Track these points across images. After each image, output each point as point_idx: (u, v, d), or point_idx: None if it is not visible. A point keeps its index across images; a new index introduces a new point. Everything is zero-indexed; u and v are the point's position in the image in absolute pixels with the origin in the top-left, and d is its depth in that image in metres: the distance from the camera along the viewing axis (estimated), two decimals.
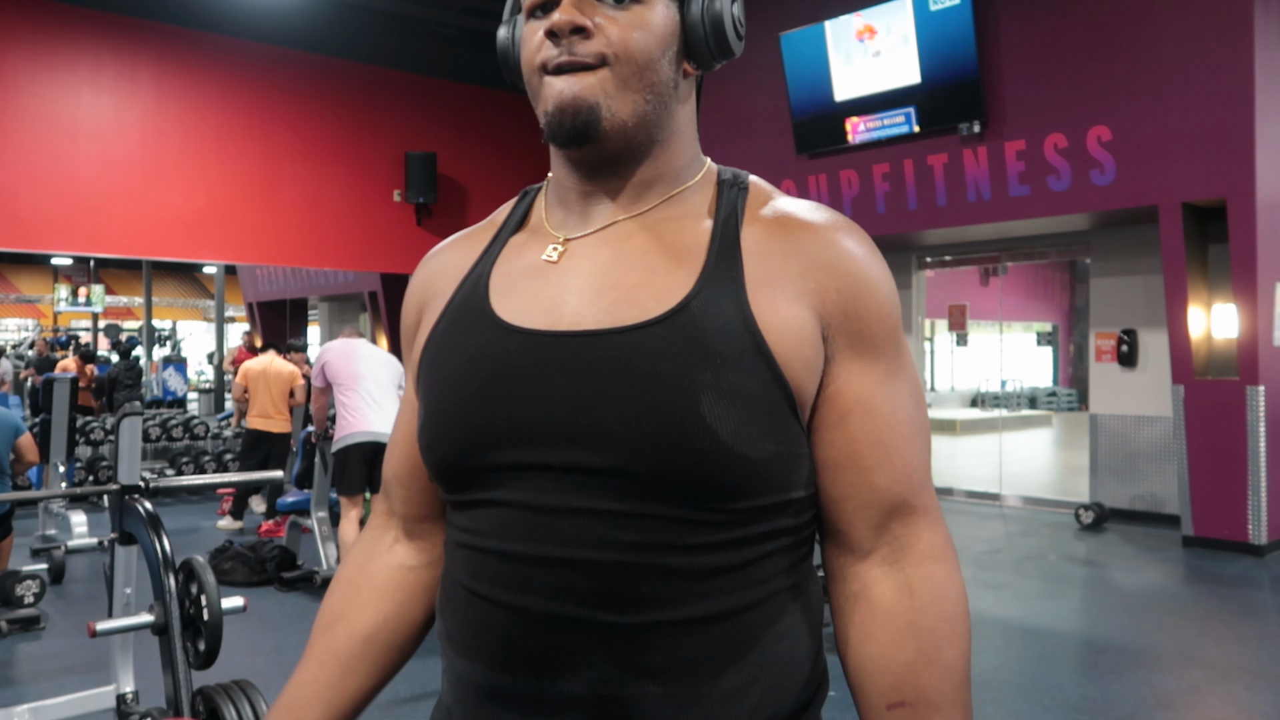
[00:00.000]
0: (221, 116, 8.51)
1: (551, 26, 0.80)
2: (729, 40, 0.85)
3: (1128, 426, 7.40)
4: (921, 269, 8.86)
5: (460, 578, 0.83)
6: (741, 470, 0.76)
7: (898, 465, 0.82)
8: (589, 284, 0.82)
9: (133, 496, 2.92)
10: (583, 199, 0.87)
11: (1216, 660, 4.12)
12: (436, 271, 0.93)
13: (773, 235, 0.83)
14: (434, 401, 0.84)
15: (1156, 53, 6.27)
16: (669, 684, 0.76)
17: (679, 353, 0.76)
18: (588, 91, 0.80)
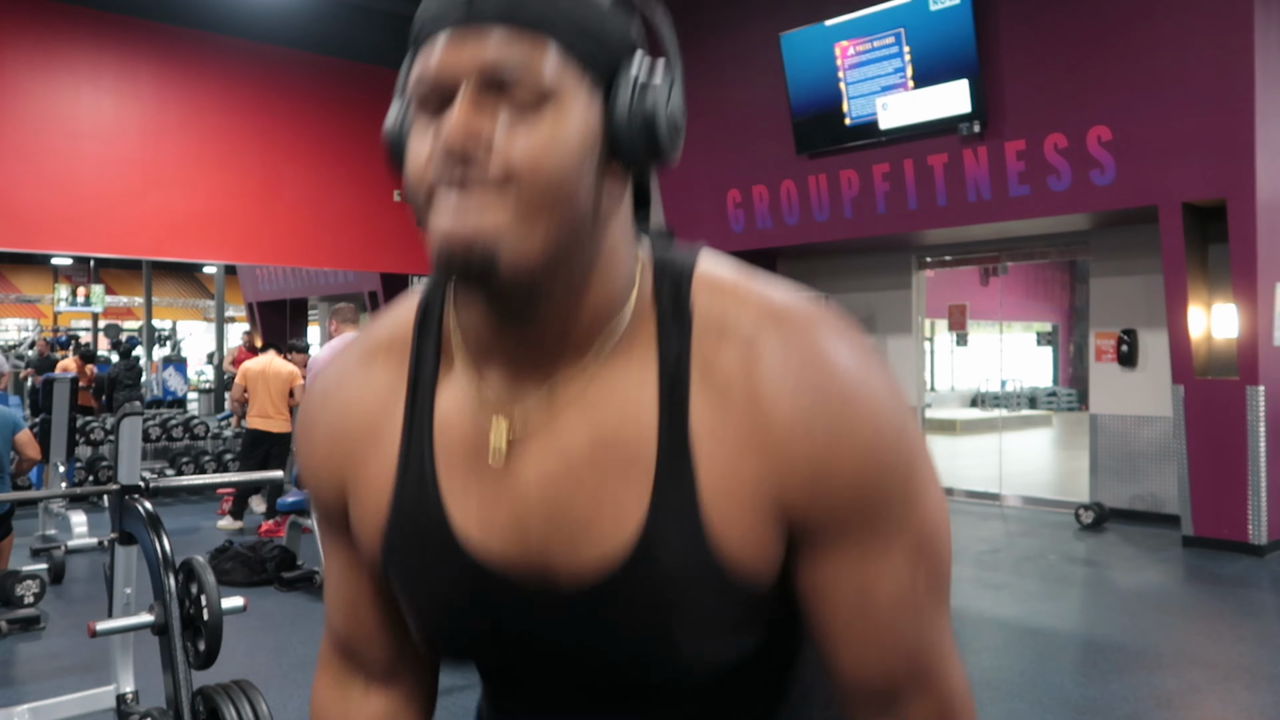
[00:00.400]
0: (221, 116, 8.52)
1: (445, 145, 0.63)
2: (660, 140, 0.67)
3: (1128, 426, 7.40)
4: (921, 269, 8.86)
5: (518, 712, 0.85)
6: (729, 658, 0.74)
7: (904, 650, 0.72)
8: (544, 499, 0.71)
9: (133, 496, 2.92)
10: (499, 336, 0.71)
11: (1216, 660, 4.12)
12: (343, 437, 0.78)
13: (726, 416, 0.68)
14: (416, 623, 0.79)
15: (1156, 53, 6.27)
16: None
17: (646, 601, 0.69)
18: (481, 230, 0.63)
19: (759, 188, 8.45)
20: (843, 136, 7.77)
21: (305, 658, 4.15)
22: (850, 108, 7.67)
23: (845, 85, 7.64)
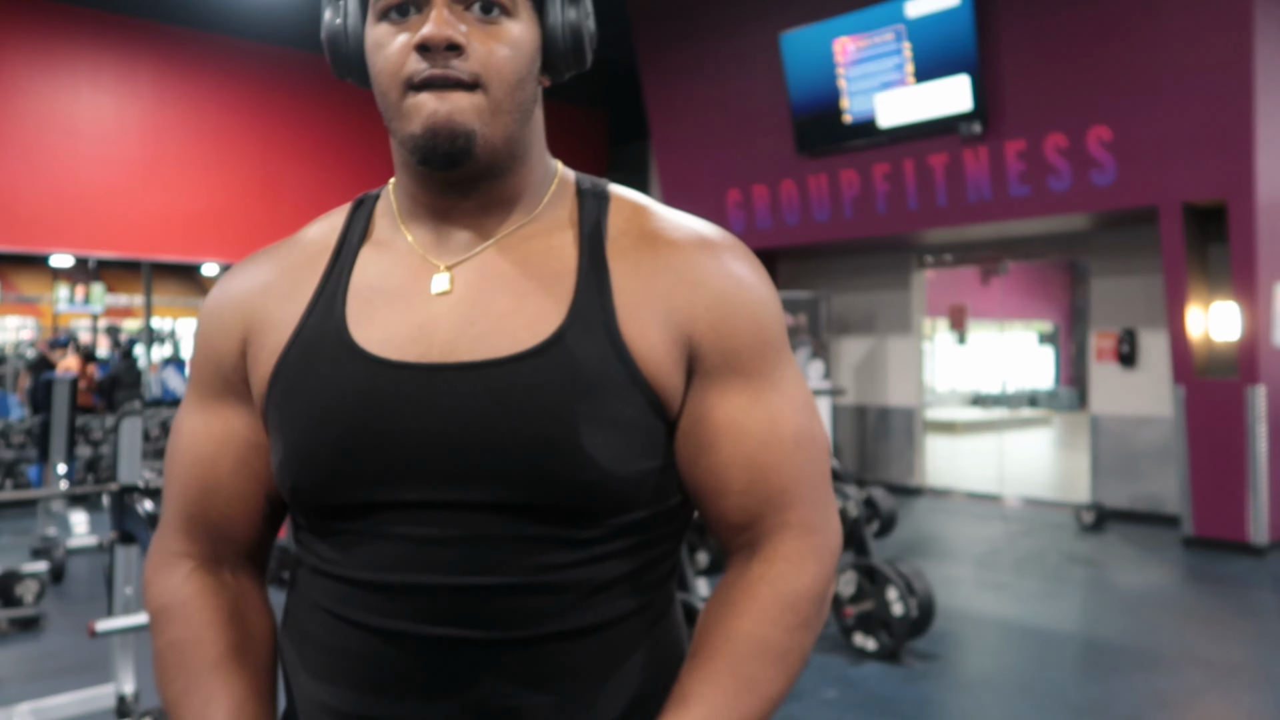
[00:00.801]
0: (221, 116, 8.52)
1: (424, 40, 0.74)
2: (585, 52, 0.83)
3: (1128, 426, 7.40)
4: (921, 269, 8.86)
5: (322, 602, 0.81)
6: (622, 491, 0.78)
7: (772, 484, 0.81)
8: (457, 311, 0.79)
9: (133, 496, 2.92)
10: (439, 215, 0.83)
11: (1216, 660, 4.12)
12: (261, 289, 0.85)
13: (641, 254, 0.82)
14: (297, 440, 0.79)
15: (1157, 53, 6.27)
16: (560, 692, 0.78)
17: (556, 386, 0.76)
18: (462, 115, 0.76)
19: (759, 187, 8.45)
20: (842, 135, 7.77)
21: None
22: (850, 104, 7.67)
23: (844, 81, 7.64)
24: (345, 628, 0.79)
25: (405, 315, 0.80)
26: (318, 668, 0.81)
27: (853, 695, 3.65)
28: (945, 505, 8.33)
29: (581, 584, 0.78)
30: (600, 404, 0.76)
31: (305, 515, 0.83)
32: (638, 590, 0.82)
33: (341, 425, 0.78)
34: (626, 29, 9.15)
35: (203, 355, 0.87)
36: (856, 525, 4.23)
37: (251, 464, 0.86)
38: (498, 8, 0.77)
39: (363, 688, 0.78)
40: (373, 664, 0.78)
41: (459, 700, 0.77)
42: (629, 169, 10.95)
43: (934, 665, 4.01)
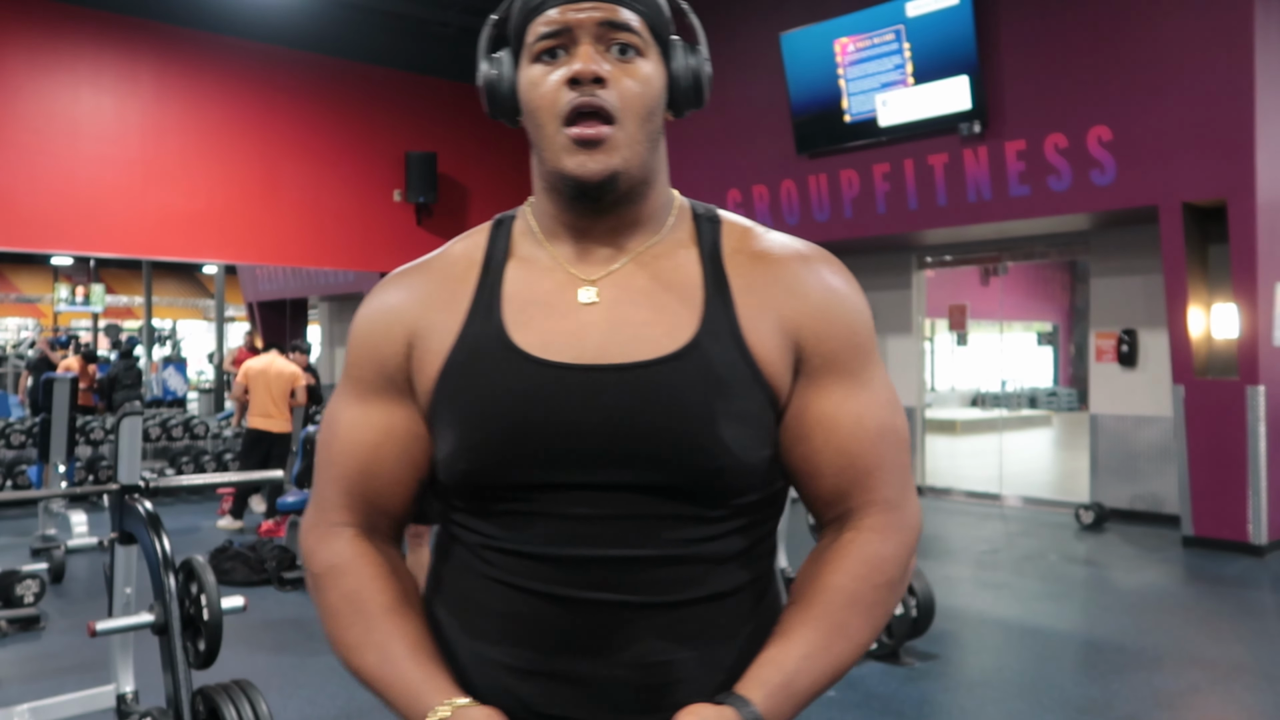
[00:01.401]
0: (221, 116, 8.51)
1: (576, 75, 0.89)
2: (704, 92, 0.98)
3: (1128, 426, 7.40)
4: (921, 269, 8.86)
5: (493, 574, 0.93)
6: (747, 476, 0.92)
7: (860, 468, 0.96)
8: (604, 319, 0.93)
9: (133, 496, 2.92)
10: (578, 234, 0.97)
11: (1216, 660, 4.12)
12: (416, 301, 0.99)
13: (753, 271, 0.96)
14: (468, 431, 0.92)
15: (1157, 53, 6.27)
16: (701, 648, 0.92)
17: (697, 385, 0.90)
18: (609, 163, 0.90)
19: (759, 188, 8.45)
20: (843, 135, 7.77)
21: (305, 658, 4.15)
22: (850, 104, 7.67)
23: (845, 81, 7.64)
24: (515, 594, 0.92)
25: (559, 322, 0.93)
26: (489, 630, 0.93)
27: (852, 695, 3.65)
28: (945, 505, 8.33)
29: (712, 556, 0.92)
30: (731, 401, 0.90)
31: (472, 498, 0.94)
32: (752, 561, 0.96)
33: (511, 417, 0.90)
34: None
35: (365, 356, 1.00)
36: None
37: (411, 451, 0.98)
38: (632, 49, 0.92)
39: (536, 646, 0.91)
40: (543, 626, 0.91)
41: (619, 656, 0.90)
42: None
43: (934, 665, 4.01)
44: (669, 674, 0.91)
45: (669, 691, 0.91)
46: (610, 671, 0.90)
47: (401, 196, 9.49)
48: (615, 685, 0.90)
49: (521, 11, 0.94)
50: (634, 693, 0.90)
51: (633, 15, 0.92)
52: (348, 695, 3.63)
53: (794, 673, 0.90)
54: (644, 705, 0.91)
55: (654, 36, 0.94)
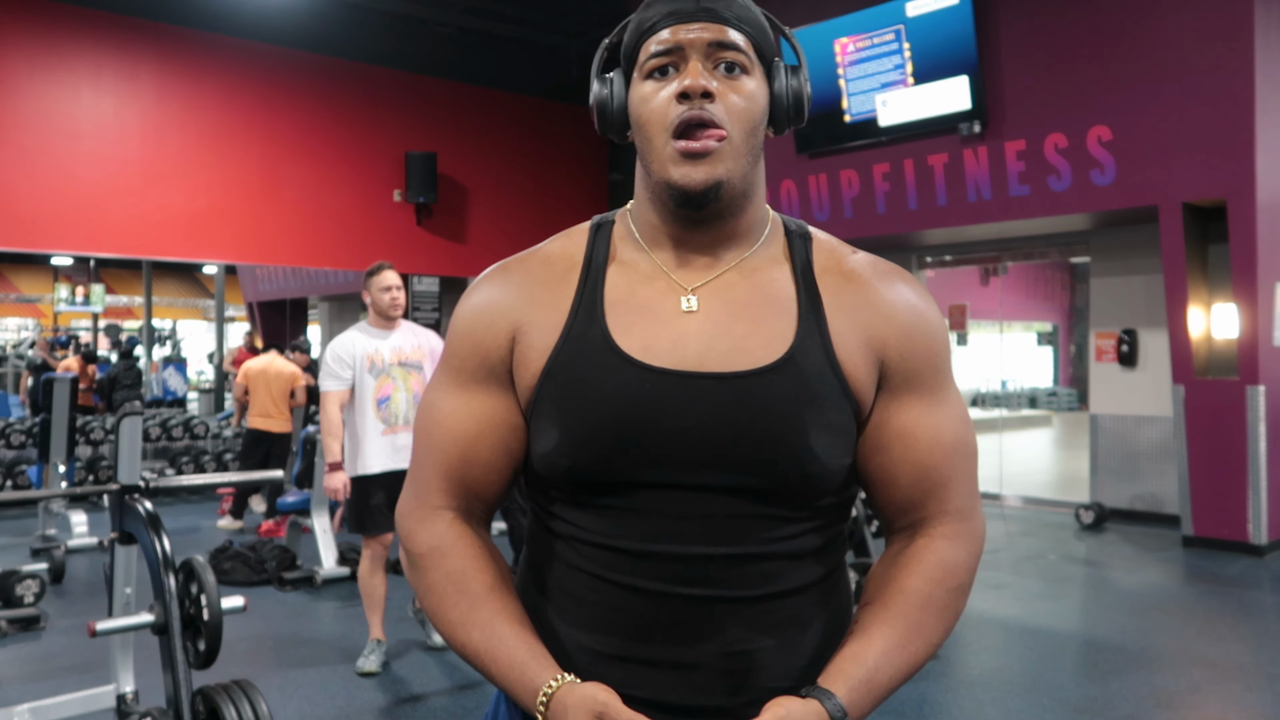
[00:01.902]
0: (221, 116, 8.51)
1: (686, 89, 0.95)
2: (804, 111, 1.04)
3: (1128, 426, 7.40)
4: (921, 269, 8.86)
5: (585, 566, 0.99)
6: (832, 481, 0.99)
7: (935, 480, 1.02)
8: (705, 329, 0.98)
9: (133, 496, 2.92)
10: (678, 243, 1.02)
11: (1216, 660, 4.12)
12: (520, 298, 1.03)
13: (843, 289, 1.02)
14: (574, 427, 0.96)
15: (1157, 53, 6.27)
16: (779, 637, 0.98)
17: (791, 396, 0.96)
18: (713, 173, 0.95)
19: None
20: (843, 135, 7.77)
21: (305, 658, 4.15)
22: (850, 104, 7.67)
23: (845, 82, 7.65)
24: (608, 587, 0.97)
25: (661, 329, 0.98)
26: (582, 619, 0.99)
27: None
28: None
29: (792, 553, 0.99)
30: (822, 411, 0.96)
31: (572, 491, 0.99)
32: (825, 557, 1.02)
33: (615, 418, 0.95)
34: None
35: (468, 348, 1.04)
36: (856, 525, 4.23)
37: (508, 441, 1.03)
38: (738, 67, 0.97)
39: (627, 635, 0.97)
40: (634, 616, 0.97)
41: (705, 645, 0.96)
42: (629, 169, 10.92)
43: (934, 665, 4.01)
44: (751, 661, 0.97)
45: (750, 676, 0.97)
46: (696, 659, 0.96)
47: (401, 196, 9.49)
48: (700, 671, 0.96)
49: (635, 32, 1.01)
50: (718, 678, 0.96)
51: (740, 36, 0.98)
52: (348, 695, 3.63)
53: (874, 668, 0.95)
54: (728, 690, 0.97)
55: (759, 56, 1.00)
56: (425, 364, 3.98)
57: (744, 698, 0.97)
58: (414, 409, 3.82)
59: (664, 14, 0.98)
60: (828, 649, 1.01)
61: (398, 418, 3.86)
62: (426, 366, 3.97)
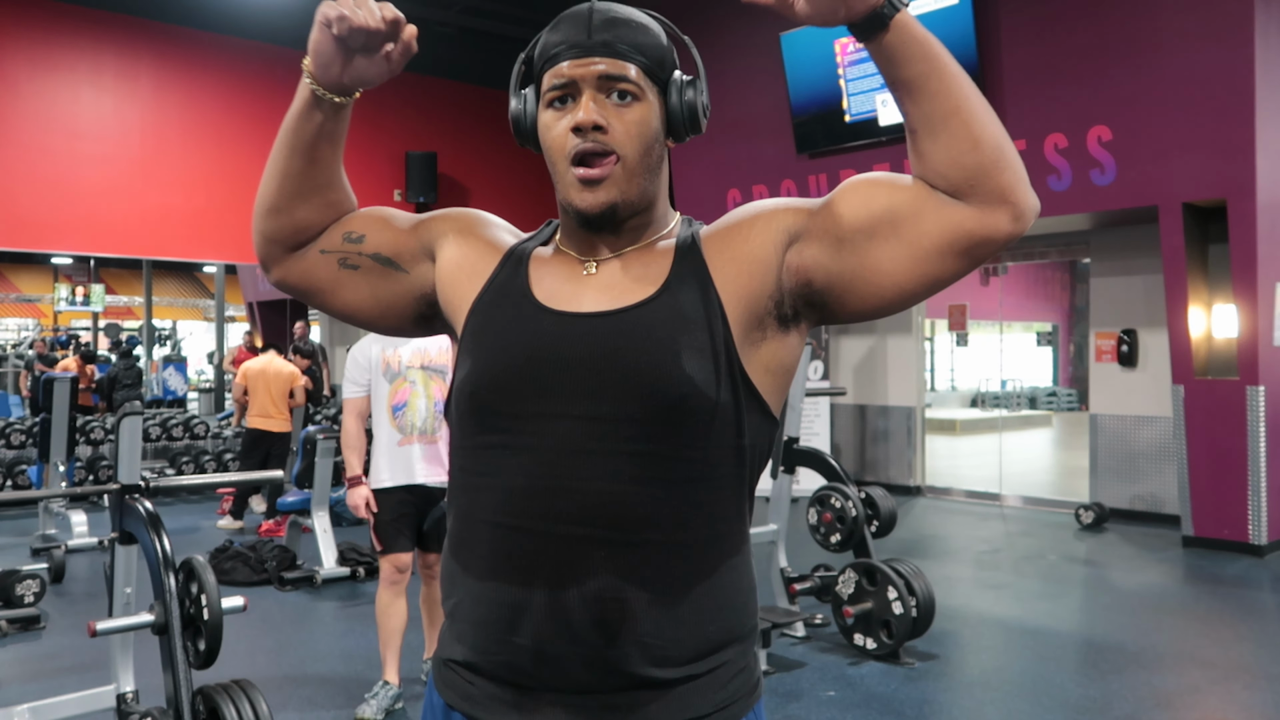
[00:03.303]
0: (221, 116, 8.51)
1: (577, 124, 1.03)
2: (700, 122, 1.11)
3: (1128, 426, 7.40)
4: None
5: (482, 516, 1.04)
6: (709, 411, 1.01)
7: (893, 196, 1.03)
8: (599, 284, 1.09)
9: (133, 496, 2.92)
10: (589, 239, 1.12)
11: (1216, 660, 4.12)
12: (487, 238, 1.17)
13: (718, 234, 1.10)
14: (483, 357, 1.06)
15: (1156, 53, 6.27)
16: (655, 592, 1.00)
17: (664, 322, 1.03)
18: (608, 197, 1.05)
19: (759, 187, 8.45)
20: (843, 135, 7.77)
21: (305, 658, 4.15)
22: (850, 104, 7.67)
23: (845, 82, 7.64)
24: (497, 531, 1.02)
25: (565, 286, 1.09)
26: (478, 567, 1.04)
27: (852, 695, 3.65)
28: (945, 505, 8.33)
29: (675, 501, 1.01)
30: (694, 335, 1.02)
31: (471, 429, 1.06)
32: (715, 524, 1.04)
33: (516, 349, 1.05)
34: None
35: (427, 216, 1.20)
36: (856, 525, 4.23)
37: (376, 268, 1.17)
38: (630, 95, 1.06)
39: (513, 579, 1.01)
40: (519, 559, 1.01)
41: (584, 589, 0.98)
42: None
43: (934, 665, 4.01)
44: (622, 611, 0.98)
45: (622, 630, 0.99)
46: (569, 604, 0.98)
47: (401, 196, 9.49)
48: (574, 618, 0.98)
49: (539, 60, 1.09)
50: (591, 627, 0.98)
51: (631, 66, 1.05)
52: (348, 696, 3.63)
53: None
54: (601, 642, 0.99)
55: (653, 79, 1.08)
56: (451, 368, 3.61)
57: (617, 650, 0.98)
58: (436, 418, 3.55)
59: (564, 46, 1.06)
60: (708, 625, 1.02)
61: (414, 427, 3.50)
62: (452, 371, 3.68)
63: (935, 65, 0.97)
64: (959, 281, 1.07)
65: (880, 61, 0.99)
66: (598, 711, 1.00)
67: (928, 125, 0.98)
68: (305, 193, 1.13)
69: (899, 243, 1.00)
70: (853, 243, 1.02)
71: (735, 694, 1.05)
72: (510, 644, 1.01)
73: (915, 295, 1.03)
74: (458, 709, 1.07)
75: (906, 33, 0.97)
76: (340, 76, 1.06)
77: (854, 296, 1.04)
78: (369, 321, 1.20)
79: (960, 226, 0.97)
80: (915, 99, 0.98)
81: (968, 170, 0.96)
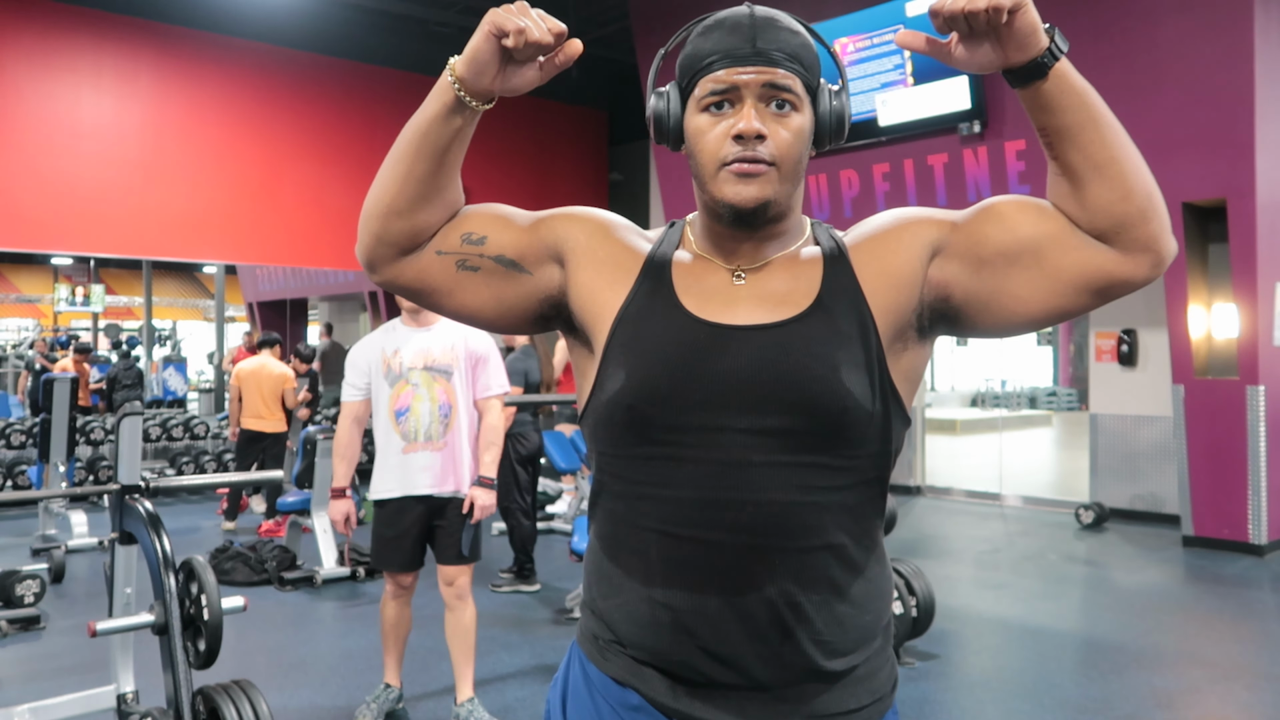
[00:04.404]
0: (221, 116, 8.51)
1: (741, 132, 1.03)
2: (845, 131, 1.14)
3: (1128, 426, 7.40)
4: None
5: (647, 524, 1.06)
6: (865, 421, 1.03)
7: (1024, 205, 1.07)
8: (750, 295, 1.09)
9: (133, 496, 2.92)
10: (733, 242, 1.11)
11: (1216, 660, 4.12)
12: (622, 243, 1.15)
13: (862, 242, 1.12)
14: (638, 368, 1.05)
15: (1156, 52, 6.27)
16: (823, 591, 1.05)
17: (821, 336, 1.04)
18: (762, 193, 1.05)
19: None
20: None
21: (305, 658, 4.15)
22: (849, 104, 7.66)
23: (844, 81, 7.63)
24: (666, 540, 1.05)
25: (715, 295, 1.09)
26: (648, 575, 1.06)
27: None
28: (945, 505, 8.33)
29: (833, 506, 1.04)
30: (851, 350, 1.04)
31: (631, 441, 1.06)
32: (861, 519, 1.08)
33: (673, 360, 1.05)
34: (626, 29, 9.15)
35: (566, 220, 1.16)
36: None
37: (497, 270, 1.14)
38: (789, 104, 1.06)
39: (688, 586, 1.04)
40: (693, 568, 1.04)
41: (761, 595, 1.02)
42: (629, 169, 10.94)
43: (934, 665, 4.01)
44: (798, 614, 1.03)
45: (798, 629, 1.04)
46: (752, 607, 1.02)
47: None
48: (753, 621, 1.03)
49: (691, 65, 1.09)
50: (769, 627, 1.03)
51: (791, 76, 1.06)
52: (348, 696, 3.63)
53: None
54: (777, 639, 1.03)
55: (806, 90, 1.08)
56: (460, 368, 3.27)
57: (791, 647, 1.03)
58: (442, 423, 3.24)
59: (721, 54, 1.06)
60: (865, 615, 1.07)
61: (418, 433, 3.22)
62: (461, 372, 3.27)
63: (1092, 114, 0.99)
64: None
65: (1034, 108, 1.01)
66: (769, 703, 1.05)
67: (1079, 173, 1.00)
68: (429, 195, 1.09)
69: (1039, 274, 1.03)
70: (994, 265, 1.05)
71: (882, 689, 1.11)
72: (687, 645, 1.04)
73: (1043, 323, 1.07)
74: (630, 686, 1.09)
75: (1065, 82, 0.98)
76: (492, 84, 1.04)
77: (987, 316, 1.07)
78: (489, 323, 1.18)
79: (1102, 268, 1.01)
80: (1068, 146, 1.00)
81: (1116, 219, 0.99)
